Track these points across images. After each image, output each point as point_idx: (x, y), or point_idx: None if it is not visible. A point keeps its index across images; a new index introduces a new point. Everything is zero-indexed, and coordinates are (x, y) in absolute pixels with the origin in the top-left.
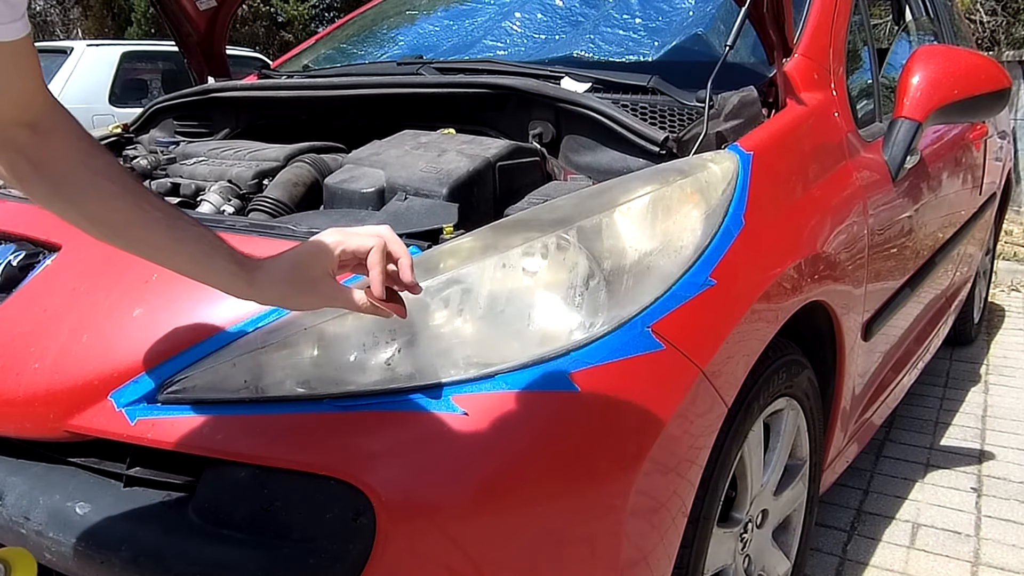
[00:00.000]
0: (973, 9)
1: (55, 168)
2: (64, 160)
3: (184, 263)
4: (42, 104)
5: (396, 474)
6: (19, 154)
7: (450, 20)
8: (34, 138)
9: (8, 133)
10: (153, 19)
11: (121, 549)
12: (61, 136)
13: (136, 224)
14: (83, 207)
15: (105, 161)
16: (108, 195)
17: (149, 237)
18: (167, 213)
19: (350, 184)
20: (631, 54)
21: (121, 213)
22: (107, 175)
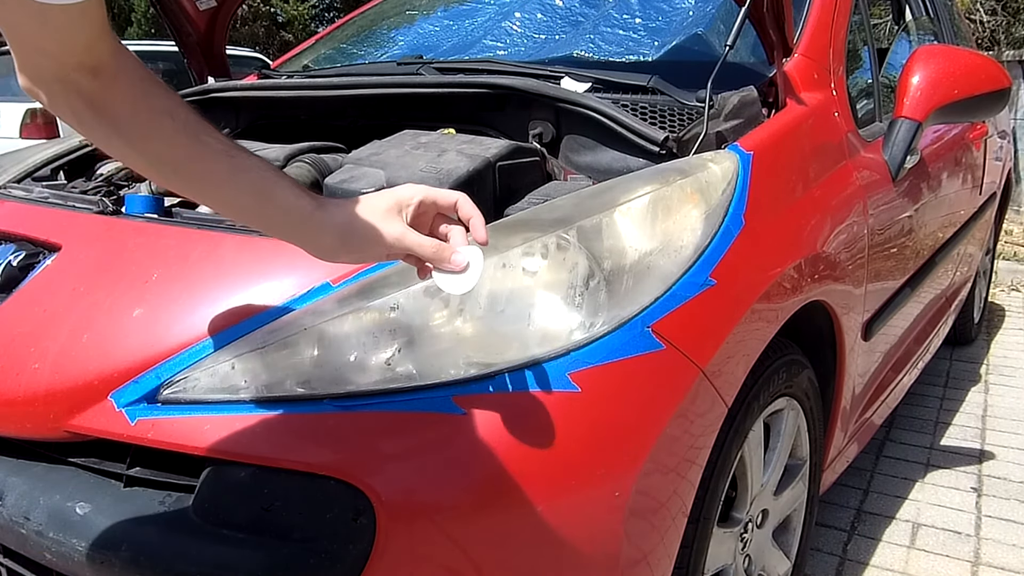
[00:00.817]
0: (973, 9)
1: (116, 110)
2: (125, 102)
3: (246, 195)
4: (105, 48)
5: (396, 474)
6: (80, 97)
7: (450, 20)
8: (95, 82)
9: (71, 77)
10: (153, 19)
11: (121, 549)
12: (123, 78)
13: (196, 159)
14: (143, 147)
15: (166, 99)
16: (169, 133)
17: (210, 171)
18: (227, 145)
19: (350, 184)
20: (631, 54)
21: (182, 148)
22: (169, 112)
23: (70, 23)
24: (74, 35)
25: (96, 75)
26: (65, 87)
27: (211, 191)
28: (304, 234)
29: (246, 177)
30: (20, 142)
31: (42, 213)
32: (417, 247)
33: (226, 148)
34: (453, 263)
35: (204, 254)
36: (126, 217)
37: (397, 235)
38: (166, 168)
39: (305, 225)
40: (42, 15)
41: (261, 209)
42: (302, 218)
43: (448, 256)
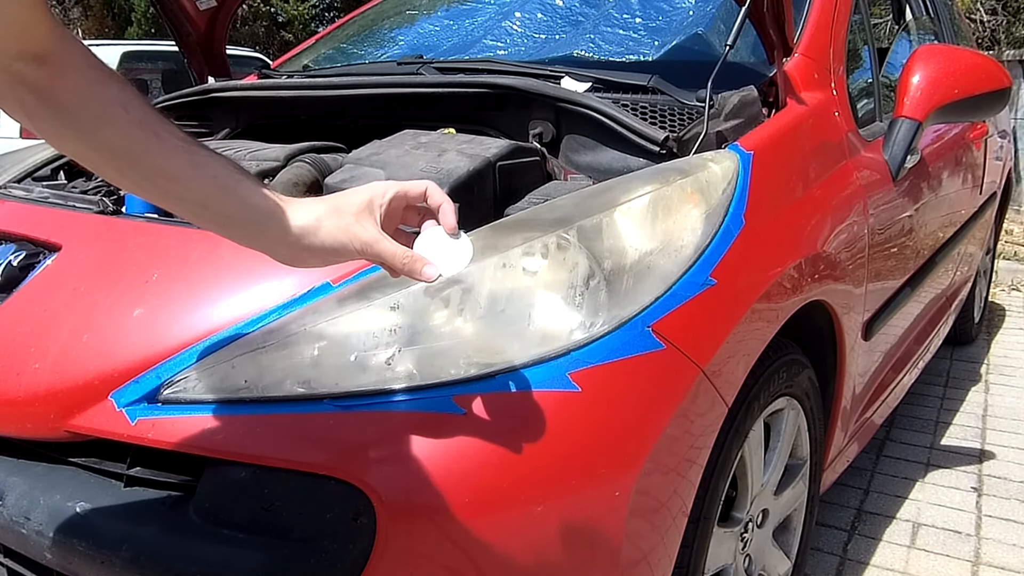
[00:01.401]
0: (973, 8)
1: (65, 99)
2: (74, 90)
3: (208, 189)
4: (47, 34)
5: (396, 474)
6: (26, 87)
7: (450, 20)
8: (41, 70)
9: (14, 66)
10: (153, 19)
11: (122, 549)
12: (72, 67)
13: (153, 152)
14: (95, 139)
15: (119, 89)
16: (123, 124)
17: (167, 165)
18: (186, 140)
19: (350, 184)
20: (631, 54)
21: (138, 142)
22: (121, 103)
23: (9, 17)
24: (6, 11)
25: (41, 63)
26: (10, 77)
27: (168, 186)
28: (267, 234)
29: (207, 172)
30: (20, 142)
31: (42, 213)
32: (389, 257)
33: (185, 143)
34: (424, 275)
35: (204, 254)
36: (126, 217)
37: (369, 240)
38: (119, 162)
39: (268, 224)
40: None
41: (222, 205)
42: (265, 216)
43: (419, 268)
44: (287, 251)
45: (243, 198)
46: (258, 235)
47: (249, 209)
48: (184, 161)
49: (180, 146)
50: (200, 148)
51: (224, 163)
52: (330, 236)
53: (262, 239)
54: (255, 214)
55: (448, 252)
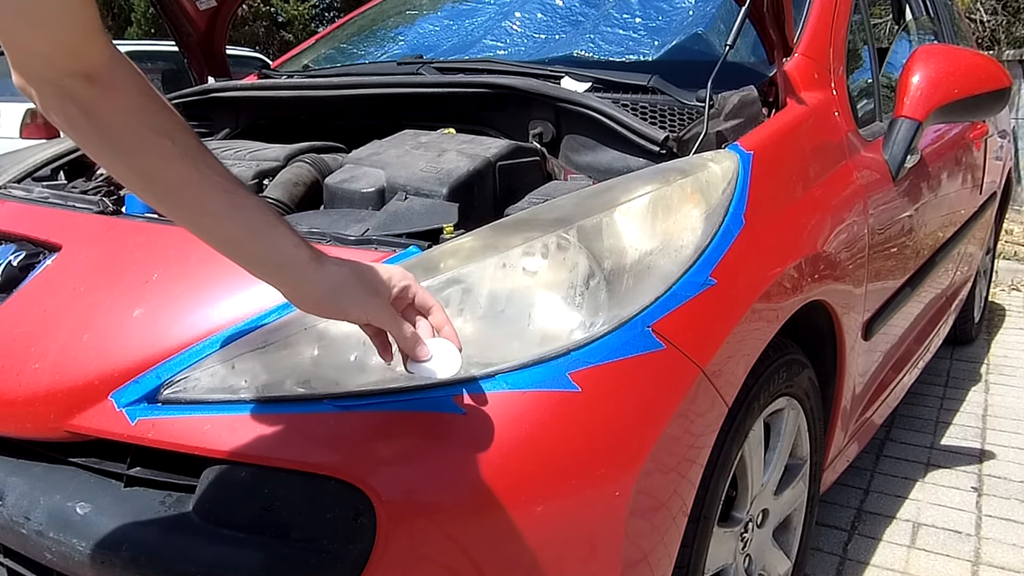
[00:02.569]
0: (973, 8)
1: (111, 121)
2: (120, 113)
3: (241, 231)
4: (99, 54)
5: (396, 474)
6: (74, 104)
7: (450, 20)
8: (91, 89)
9: (63, 82)
10: (153, 19)
11: (121, 549)
12: (122, 90)
13: (193, 186)
14: (136, 163)
15: (167, 118)
16: (168, 155)
17: (205, 202)
18: (227, 177)
19: (350, 184)
20: (631, 54)
21: (179, 174)
22: (168, 133)
23: (53, 18)
24: (60, 33)
25: (92, 82)
26: (58, 90)
27: (202, 220)
28: (292, 282)
29: (243, 214)
30: (20, 142)
31: (42, 213)
32: (393, 326)
33: (226, 181)
34: (418, 354)
35: (204, 254)
36: (126, 217)
37: (379, 308)
38: (157, 188)
39: (297, 274)
40: (22, 7)
41: (254, 248)
42: (296, 267)
43: (415, 347)
44: (305, 300)
45: (273, 244)
46: (280, 282)
47: (278, 256)
48: (223, 201)
49: (221, 184)
50: (240, 188)
51: (261, 207)
52: (348, 297)
53: (284, 284)
54: (285, 262)
55: (440, 355)
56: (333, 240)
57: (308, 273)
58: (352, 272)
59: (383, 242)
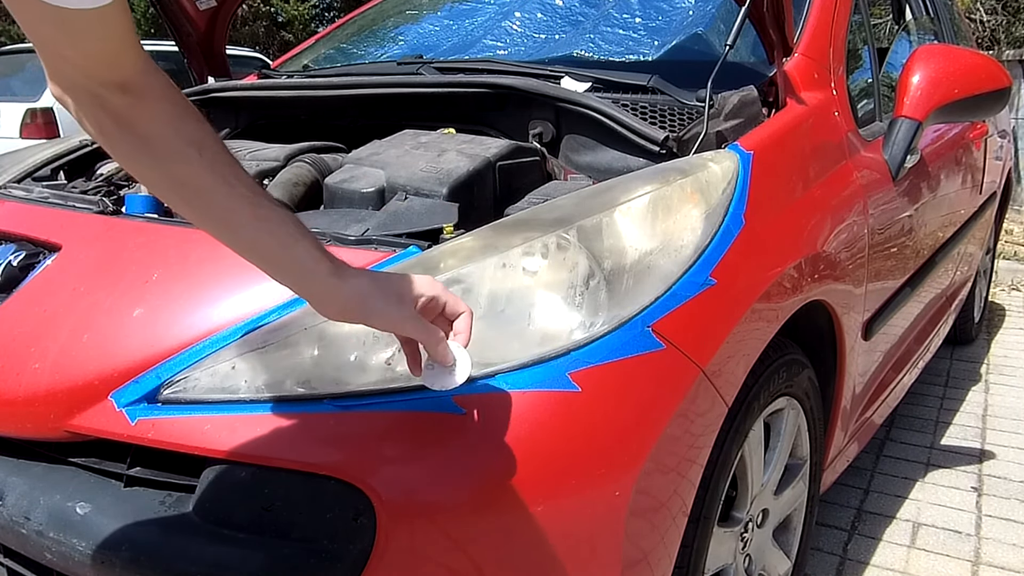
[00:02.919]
0: (973, 8)
1: (142, 130)
2: (152, 122)
3: (265, 241)
4: (132, 65)
5: (396, 474)
6: (106, 111)
7: (450, 20)
8: (124, 98)
9: (97, 91)
10: (153, 19)
11: (121, 549)
12: (154, 99)
13: (220, 197)
14: (164, 171)
15: (196, 128)
16: (194, 164)
17: (231, 213)
18: (254, 191)
19: (350, 184)
20: (631, 53)
21: (205, 185)
22: (196, 143)
23: (88, 30)
24: (95, 44)
25: (125, 92)
26: (92, 99)
27: (226, 231)
28: (313, 294)
29: (267, 226)
30: (20, 142)
31: (42, 213)
32: (421, 335)
33: (251, 193)
34: (440, 354)
35: (204, 254)
36: (126, 217)
37: (403, 319)
38: (185, 196)
39: (318, 287)
40: (58, 18)
41: (275, 258)
42: (316, 280)
43: (440, 348)
44: (326, 308)
45: (294, 257)
46: (302, 293)
47: (298, 269)
48: (248, 213)
49: (246, 196)
50: (264, 199)
51: (284, 219)
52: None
53: (306, 297)
54: (303, 274)
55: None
56: (333, 240)
57: (329, 286)
58: (373, 283)
59: (383, 242)
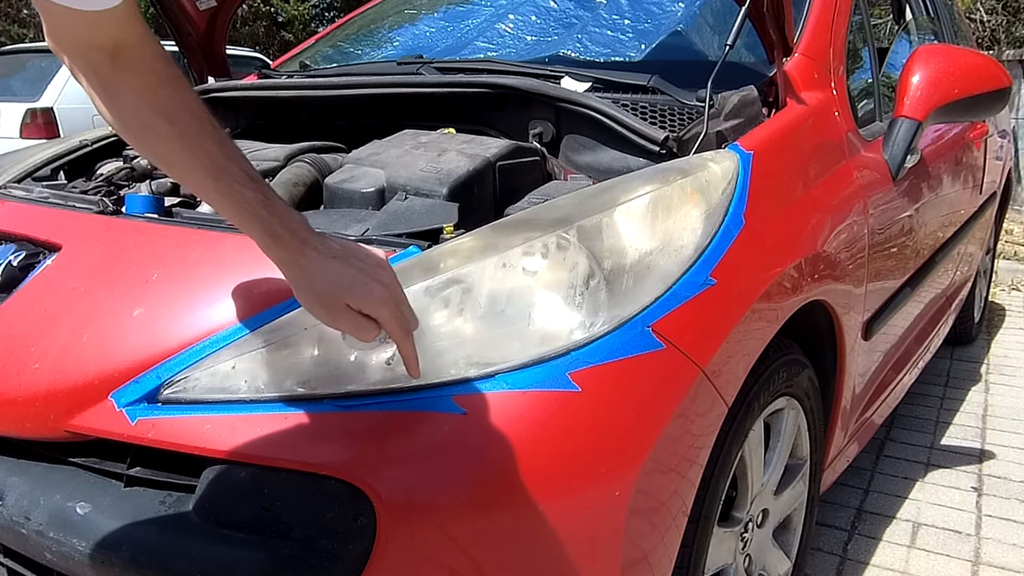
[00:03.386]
0: (973, 8)
1: (122, 99)
2: (131, 93)
3: (228, 214)
4: (130, 35)
5: (396, 474)
6: (95, 75)
7: (446, 21)
8: (110, 66)
9: (88, 55)
10: (153, 19)
11: (121, 549)
12: (135, 70)
13: (186, 168)
14: (141, 140)
15: (172, 101)
16: (165, 136)
17: (194, 182)
18: (217, 166)
19: (350, 184)
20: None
21: (172, 153)
22: (168, 116)
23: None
24: (104, 28)
25: (113, 59)
26: (83, 61)
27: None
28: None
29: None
30: (20, 142)
31: (42, 213)
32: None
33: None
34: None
35: (204, 254)
36: (126, 217)
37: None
38: (160, 163)
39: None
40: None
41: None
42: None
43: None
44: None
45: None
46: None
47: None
48: (209, 186)
49: (210, 169)
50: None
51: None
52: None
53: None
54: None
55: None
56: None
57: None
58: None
59: (383, 242)
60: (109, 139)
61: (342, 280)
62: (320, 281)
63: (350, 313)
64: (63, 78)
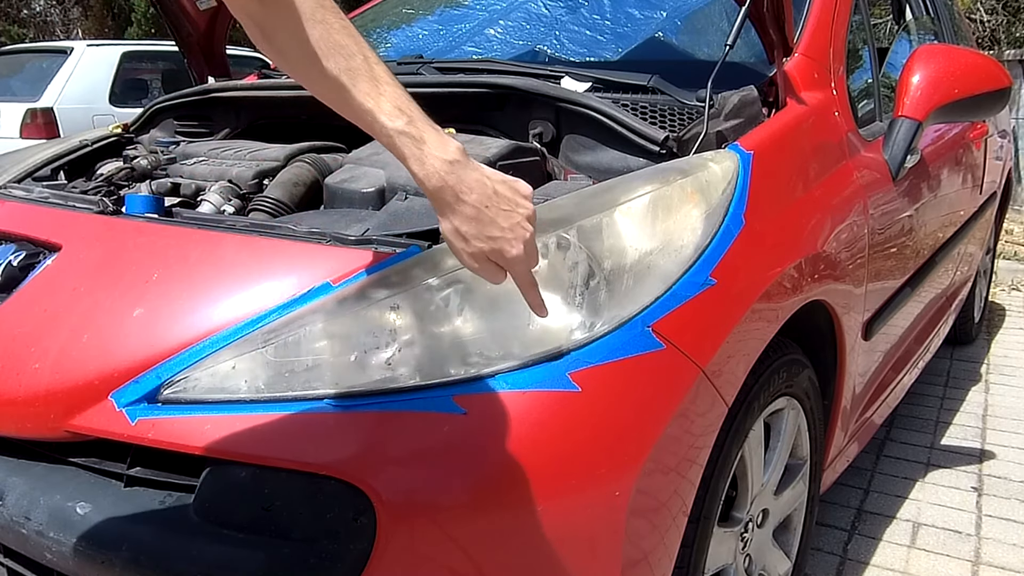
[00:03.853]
0: (973, 8)
1: (276, 37)
2: (283, 30)
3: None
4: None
5: (396, 474)
6: (251, 19)
7: (440, 25)
8: (261, 9)
9: (241, 4)
10: (153, 19)
11: (122, 549)
12: (283, 9)
13: (343, 103)
14: (302, 74)
15: (320, 32)
16: (318, 72)
17: (352, 113)
18: (374, 94)
19: (350, 184)
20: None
21: (332, 92)
22: (320, 49)
23: None
24: None
25: (262, 2)
26: (240, 10)
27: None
28: (405, 131)
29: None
30: (20, 142)
31: (42, 213)
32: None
33: (367, 97)
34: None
35: (204, 254)
36: (126, 217)
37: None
38: (320, 95)
39: (409, 126)
40: None
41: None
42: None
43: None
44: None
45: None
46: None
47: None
48: (366, 119)
49: (363, 103)
50: (383, 105)
51: (407, 126)
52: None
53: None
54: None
55: None
56: (333, 240)
57: (406, 130)
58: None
59: (383, 242)
60: (109, 139)
61: (484, 230)
62: (464, 224)
63: (485, 260)
64: (63, 78)
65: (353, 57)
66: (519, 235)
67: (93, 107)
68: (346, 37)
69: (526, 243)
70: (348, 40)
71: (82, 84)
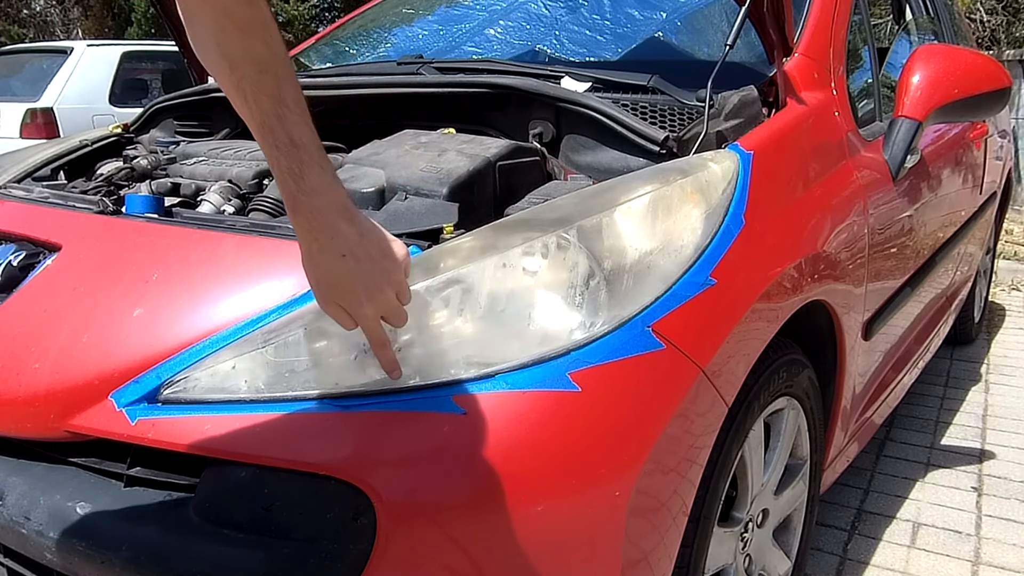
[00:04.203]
0: (973, 8)
1: (191, 28)
2: (200, 26)
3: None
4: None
5: (397, 474)
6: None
7: (439, 25)
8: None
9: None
10: (153, 19)
11: (121, 549)
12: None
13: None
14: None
15: (237, 47)
16: (225, 82)
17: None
18: (265, 123)
19: (350, 184)
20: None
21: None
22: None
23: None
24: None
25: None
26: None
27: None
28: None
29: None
30: (20, 142)
31: (42, 213)
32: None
33: (264, 123)
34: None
35: (204, 254)
36: (126, 217)
37: (361, 233)
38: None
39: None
40: None
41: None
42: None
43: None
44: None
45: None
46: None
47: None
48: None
49: (260, 125)
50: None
51: (289, 163)
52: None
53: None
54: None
55: None
56: None
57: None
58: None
59: None
60: (109, 139)
61: (336, 279)
62: (320, 274)
63: (335, 306)
64: (63, 78)
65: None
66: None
67: (93, 107)
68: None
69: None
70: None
71: (82, 84)
